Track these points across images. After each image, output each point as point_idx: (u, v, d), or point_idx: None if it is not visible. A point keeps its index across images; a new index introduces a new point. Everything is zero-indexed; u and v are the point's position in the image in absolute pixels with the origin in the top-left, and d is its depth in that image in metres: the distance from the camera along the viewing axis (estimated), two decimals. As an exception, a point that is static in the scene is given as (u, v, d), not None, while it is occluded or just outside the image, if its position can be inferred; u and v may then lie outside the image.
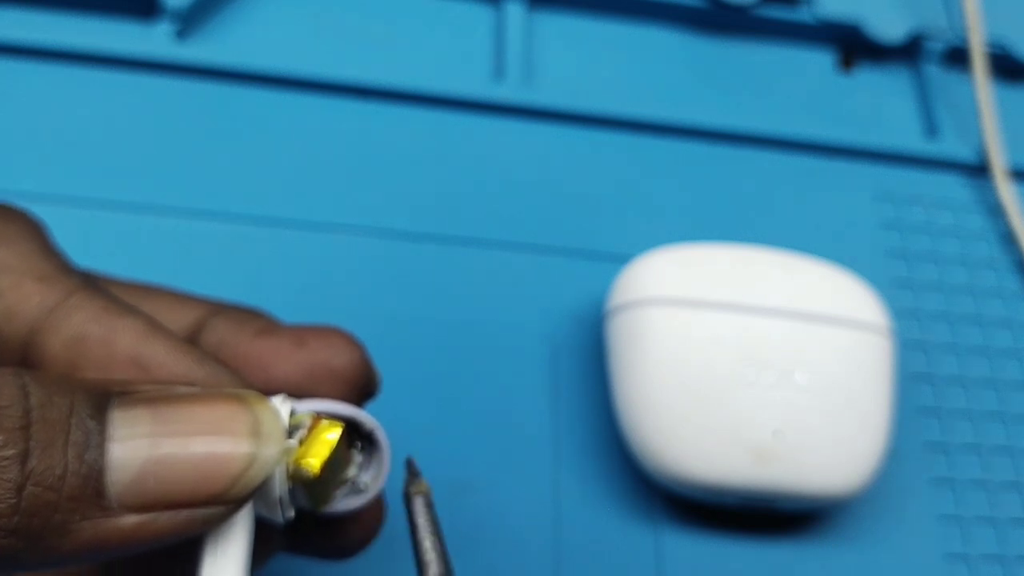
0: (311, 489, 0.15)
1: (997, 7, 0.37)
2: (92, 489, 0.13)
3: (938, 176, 0.34)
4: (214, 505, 0.13)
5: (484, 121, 0.32)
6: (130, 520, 0.13)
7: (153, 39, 0.30)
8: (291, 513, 0.15)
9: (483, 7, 0.35)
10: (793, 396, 0.25)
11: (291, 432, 0.15)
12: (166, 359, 0.15)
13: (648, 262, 0.27)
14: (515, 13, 0.34)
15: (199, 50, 0.31)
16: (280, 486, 0.15)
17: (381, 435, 0.16)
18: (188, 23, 0.31)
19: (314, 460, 0.15)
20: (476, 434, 0.26)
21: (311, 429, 0.15)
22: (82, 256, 0.27)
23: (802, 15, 0.36)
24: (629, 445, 0.25)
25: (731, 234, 0.31)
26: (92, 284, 0.16)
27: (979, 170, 0.35)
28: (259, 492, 0.14)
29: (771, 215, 0.32)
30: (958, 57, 0.36)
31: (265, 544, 0.17)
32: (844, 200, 0.33)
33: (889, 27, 0.36)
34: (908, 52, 0.37)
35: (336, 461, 0.16)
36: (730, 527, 0.27)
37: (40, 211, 0.27)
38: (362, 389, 0.18)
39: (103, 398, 0.13)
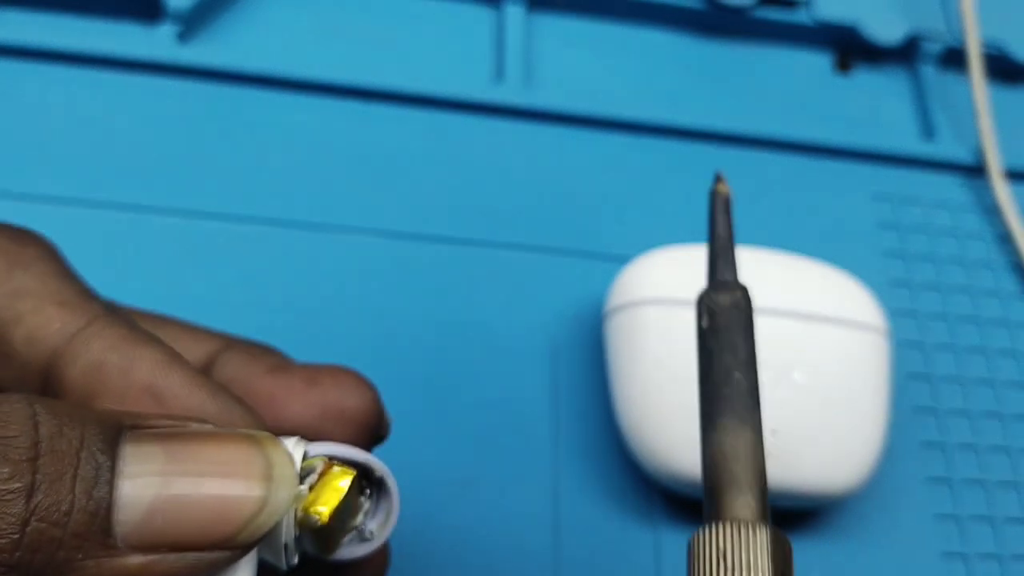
0: (317, 535, 0.15)
1: (993, 9, 0.37)
2: (99, 526, 0.12)
3: (935, 177, 0.35)
4: (222, 549, 0.13)
5: (484, 123, 0.32)
6: (135, 560, 0.13)
7: (156, 41, 0.31)
8: (295, 560, 0.15)
9: (483, 9, 0.35)
10: (791, 395, 0.25)
11: (302, 476, 0.15)
12: (181, 391, 0.15)
13: (647, 262, 0.27)
14: (515, 15, 0.34)
15: (201, 52, 0.31)
16: (287, 532, 0.14)
17: (392, 483, 0.16)
18: (190, 25, 0.31)
19: (324, 508, 0.15)
20: (476, 433, 0.26)
21: (322, 474, 0.15)
22: (85, 257, 0.28)
23: (799, 17, 0.36)
24: (628, 444, 0.26)
25: (729, 235, 0.31)
26: (113, 310, 0.16)
27: (976, 171, 0.35)
28: (266, 537, 0.14)
29: (769, 216, 0.32)
30: (955, 59, 0.37)
31: None
32: (842, 201, 0.33)
33: (886, 29, 0.36)
34: (905, 54, 0.37)
35: (345, 508, 0.15)
36: (729, 526, 0.27)
37: (43, 212, 0.27)
38: (373, 432, 0.18)
39: (115, 431, 0.13)
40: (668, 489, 0.26)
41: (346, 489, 0.15)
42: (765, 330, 0.25)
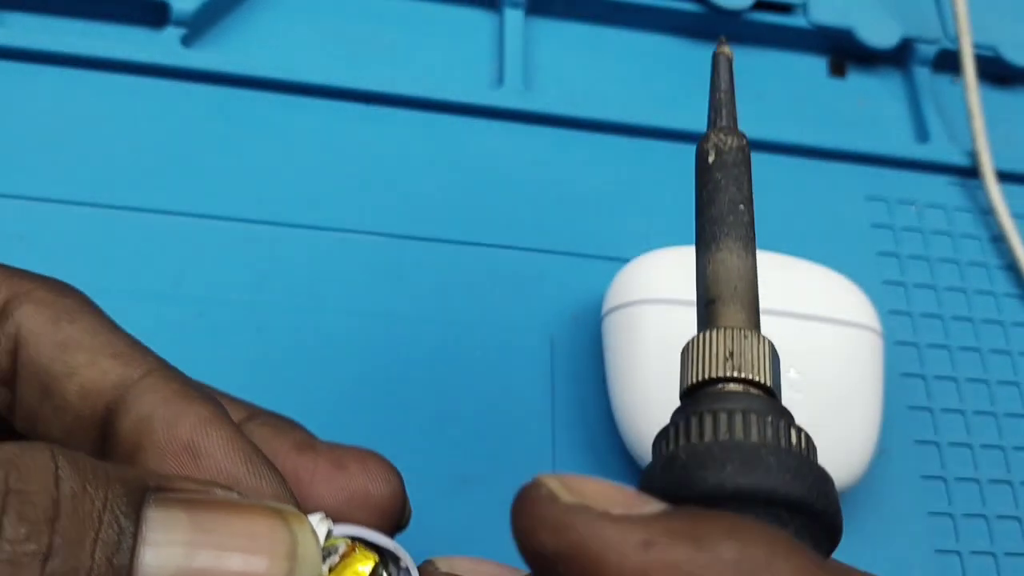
0: None
1: (986, 13, 0.38)
2: (108, 545, 0.12)
3: (929, 178, 0.35)
4: None
5: (485, 126, 0.32)
6: None
7: (161, 46, 0.31)
8: None
9: (484, 14, 0.35)
10: (786, 394, 0.25)
11: (324, 555, 0.15)
12: (217, 451, 0.15)
13: (645, 263, 0.27)
14: (514, 20, 0.34)
15: (205, 56, 0.31)
16: None
17: (415, 573, 0.16)
18: (195, 30, 0.32)
19: None
20: (477, 429, 0.27)
21: (344, 556, 0.15)
22: (90, 257, 0.28)
23: (796, 21, 0.36)
24: (626, 440, 0.26)
25: (726, 236, 0.31)
26: (167, 364, 0.16)
27: (969, 172, 0.35)
28: None
29: (765, 217, 0.33)
30: (949, 62, 0.37)
31: None
32: (837, 202, 0.34)
33: (881, 33, 0.37)
34: (899, 57, 0.37)
35: None
36: (725, 522, 0.27)
37: (48, 213, 0.28)
38: (396, 519, 0.18)
39: (140, 492, 0.12)
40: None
41: (367, 574, 0.15)
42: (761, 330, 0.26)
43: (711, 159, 0.17)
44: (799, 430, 0.14)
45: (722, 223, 0.17)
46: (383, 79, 0.32)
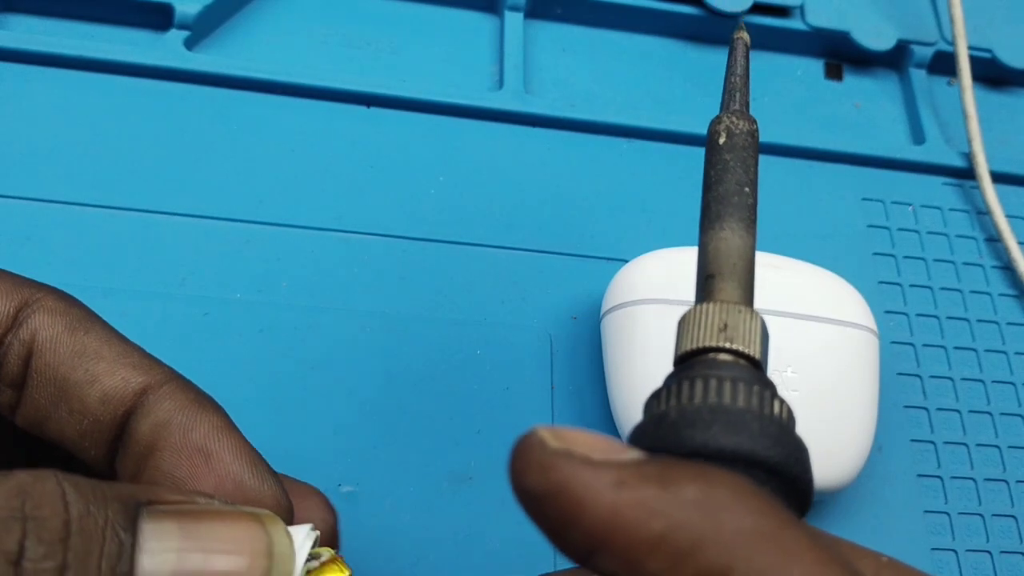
0: None
1: (981, 16, 0.38)
2: (112, 558, 0.13)
3: (925, 179, 0.35)
4: None
5: (485, 128, 0.33)
6: None
7: (164, 48, 0.31)
8: None
9: (484, 18, 0.35)
10: (783, 393, 0.26)
11: (309, 558, 0.17)
12: (227, 456, 0.17)
13: (643, 263, 0.28)
14: (515, 23, 0.35)
15: (208, 59, 0.31)
16: None
17: None
18: (198, 33, 0.32)
19: None
20: (477, 427, 0.27)
21: (325, 563, 0.17)
22: (96, 258, 0.28)
23: (793, 24, 0.37)
24: (624, 437, 0.26)
25: (724, 237, 0.32)
26: (179, 375, 0.18)
27: (965, 174, 0.35)
28: None
29: (762, 218, 0.33)
30: (944, 64, 0.37)
31: None
32: (834, 203, 0.34)
33: (877, 36, 0.37)
34: (896, 60, 0.38)
35: None
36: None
37: (52, 213, 0.28)
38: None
39: (133, 508, 0.14)
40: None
41: None
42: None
43: (722, 140, 0.18)
44: (782, 401, 0.15)
45: (727, 203, 0.17)
46: (384, 82, 0.32)
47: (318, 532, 0.17)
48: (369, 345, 0.28)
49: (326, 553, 0.17)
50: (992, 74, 0.38)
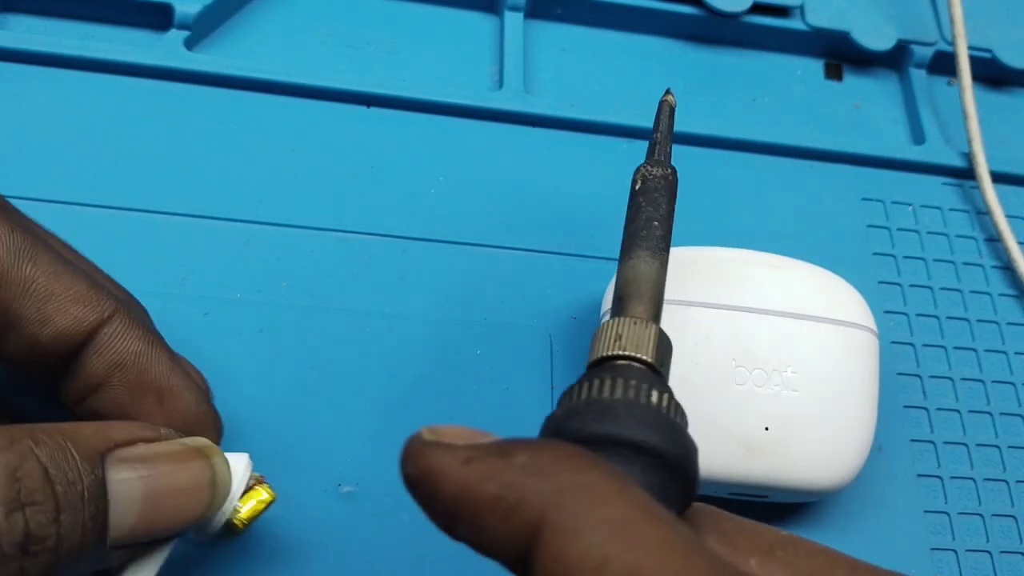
0: (230, 529, 0.21)
1: (981, 16, 0.38)
2: (98, 540, 0.17)
3: (925, 179, 0.35)
4: (178, 534, 0.19)
5: (485, 128, 0.33)
6: (116, 554, 0.18)
7: (164, 48, 0.31)
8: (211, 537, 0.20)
9: (484, 18, 0.35)
10: (783, 393, 0.26)
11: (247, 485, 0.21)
12: (177, 394, 0.20)
13: (643, 263, 0.28)
14: (515, 23, 0.35)
15: (208, 59, 0.31)
16: (216, 521, 0.20)
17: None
18: (197, 32, 0.32)
19: (244, 513, 0.20)
20: (478, 426, 0.27)
21: (251, 487, 0.21)
22: (96, 258, 0.28)
23: (792, 24, 0.37)
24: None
25: (723, 236, 0.32)
26: (125, 304, 0.20)
27: (965, 174, 0.35)
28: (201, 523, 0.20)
29: (762, 218, 0.33)
30: (944, 64, 0.37)
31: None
32: (834, 203, 0.34)
33: (877, 36, 0.37)
34: (896, 60, 0.38)
35: (255, 517, 0.21)
36: (723, 520, 0.27)
37: (52, 213, 0.28)
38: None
39: (100, 463, 0.17)
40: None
41: (265, 504, 0.21)
42: (758, 330, 0.26)
43: (638, 186, 0.21)
44: (662, 394, 0.17)
45: (637, 237, 0.20)
46: (384, 82, 0.32)
47: (251, 461, 0.21)
48: (369, 345, 0.28)
49: (253, 480, 0.21)
50: (992, 74, 0.38)
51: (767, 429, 0.25)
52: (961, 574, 0.28)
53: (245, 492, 0.21)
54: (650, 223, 0.20)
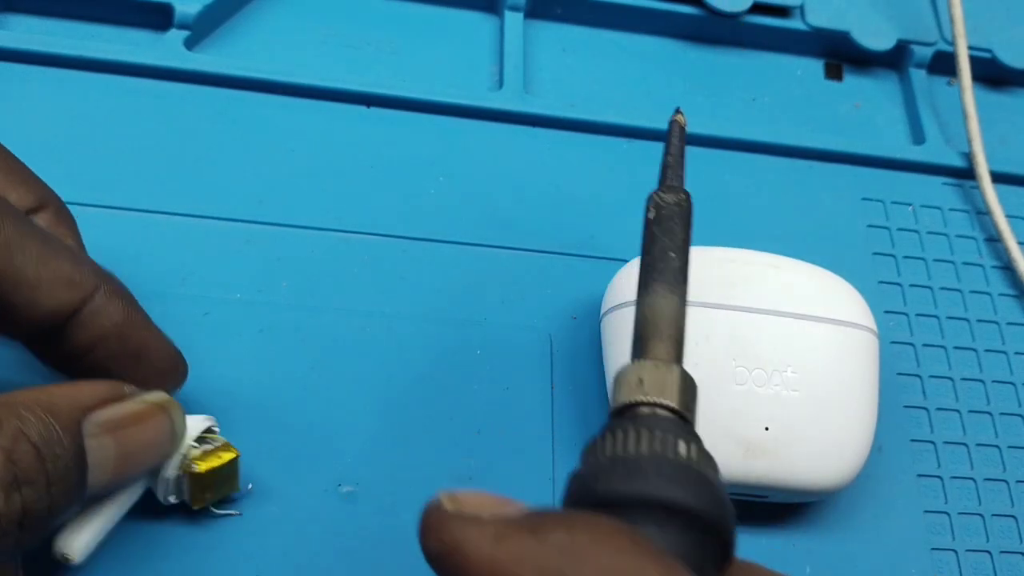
0: (194, 487, 0.22)
1: (981, 16, 0.38)
2: (79, 493, 0.18)
3: (925, 179, 0.35)
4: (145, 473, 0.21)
5: (486, 128, 0.33)
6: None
7: (164, 48, 0.31)
8: (172, 499, 0.22)
9: (484, 18, 0.36)
10: (783, 393, 0.26)
11: (201, 443, 0.22)
12: (152, 356, 0.22)
13: (643, 263, 0.28)
14: (514, 23, 0.35)
15: (208, 58, 0.31)
16: (172, 470, 0.22)
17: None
18: (197, 32, 0.32)
19: (202, 464, 0.22)
20: (477, 427, 0.27)
21: (216, 448, 0.23)
22: (96, 258, 0.28)
23: (792, 24, 0.37)
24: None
25: (723, 236, 0.32)
26: (106, 279, 0.21)
27: (965, 174, 0.35)
28: (160, 472, 0.22)
29: (763, 218, 0.33)
30: (944, 64, 0.37)
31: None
32: (834, 203, 0.34)
33: (877, 36, 0.37)
34: (896, 60, 0.38)
35: (223, 481, 0.23)
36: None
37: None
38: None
39: (78, 427, 0.18)
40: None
41: (224, 460, 0.22)
42: (758, 330, 0.26)
43: (651, 215, 0.20)
44: (689, 442, 0.16)
45: (654, 270, 0.19)
46: (384, 82, 0.32)
47: (214, 421, 0.23)
48: (369, 345, 0.28)
49: (220, 440, 0.23)
50: (992, 74, 0.38)
51: (767, 429, 0.25)
52: (961, 574, 0.28)
53: (209, 453, 0.22)
54: (665, 254, 0.19)
